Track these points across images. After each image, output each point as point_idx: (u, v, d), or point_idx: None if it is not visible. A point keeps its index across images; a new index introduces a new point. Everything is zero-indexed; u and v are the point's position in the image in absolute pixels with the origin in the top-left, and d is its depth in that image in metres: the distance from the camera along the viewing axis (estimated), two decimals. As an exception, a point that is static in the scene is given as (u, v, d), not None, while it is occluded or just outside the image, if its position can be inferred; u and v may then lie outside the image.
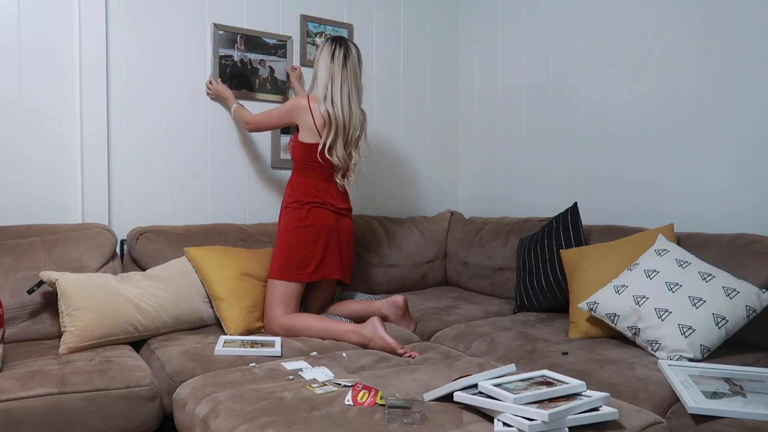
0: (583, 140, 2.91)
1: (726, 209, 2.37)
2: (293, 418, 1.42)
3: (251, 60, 2.90)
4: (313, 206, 2.36)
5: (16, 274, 2.14)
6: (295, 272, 2.32)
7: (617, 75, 2.75)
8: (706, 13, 2.41)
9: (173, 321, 2.20)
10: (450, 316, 2.54)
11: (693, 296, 1.91)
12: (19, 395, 1.61)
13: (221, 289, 2.27)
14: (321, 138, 2.35)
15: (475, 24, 3.50)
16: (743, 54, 2.31)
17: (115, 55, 2.59)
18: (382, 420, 1.42)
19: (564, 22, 2.99)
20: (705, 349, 1.84)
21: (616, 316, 2.01)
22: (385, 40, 3.33)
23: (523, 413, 1.33)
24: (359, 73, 2.42)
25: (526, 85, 3.20)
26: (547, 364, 1.89)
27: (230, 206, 2.89)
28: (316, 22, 3.07)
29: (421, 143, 3.50)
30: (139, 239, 2.47)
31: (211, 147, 2.83)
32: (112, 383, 1.73)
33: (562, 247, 2.50)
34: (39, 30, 2.44)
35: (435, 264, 3.22)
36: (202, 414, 1.54)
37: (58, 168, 2.51)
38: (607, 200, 2.80)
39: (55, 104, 2.49)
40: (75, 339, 1.97)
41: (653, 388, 1.67)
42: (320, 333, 2.22)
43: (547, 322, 2.38)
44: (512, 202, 3.30)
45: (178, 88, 2.74)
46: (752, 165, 2.30)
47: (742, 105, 2.32)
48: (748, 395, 1.56)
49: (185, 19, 2.74)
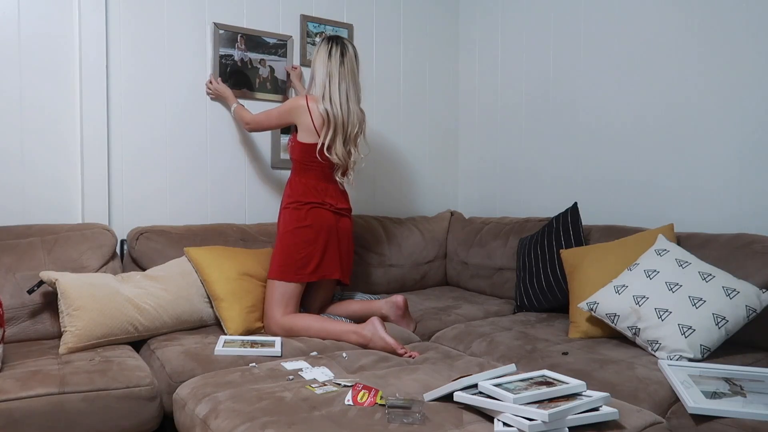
0: (584, 140, 2.91)
1: (726, 209, 2.37)
2: (293, 418, 1.42)
3: (251, 59, 2.90)
4: (313, 206, 2.36)
5: (16, 274, 2.14)
6: (294, 272, 2.32)
7: (617, 75, 2.75)
8: (706, 14, 2.41)
9: (173, 321, 2.20)
10: (450, 316, 2.54)
11: (693, 296, 1.91)
12: (19, 395, 1.61)
13: (221, 289, 2.27)
14: (320, 137, 2.35)
15: (475, 24, 3.50)
16: (743, 55, 2.31)
17: (115, 55, 2.59)
18: (382, 420, 1.42)
19: (564, 22, 2.99)
20: (705, 349, 1.84)
21: (616, 316, 2.01)
22: (385, 40, 3.33)
23: (523, 413, 1.33)
24: (357, 71, 2.42)
25: (527, 85, 3.20)
26: (547, 364, 1.88)
27: (230, 206, 2.89)
28: (316, 22, 3.07)
29: (421, 143, 3.50)
30: (139, 239, 2.47)
31: (211, 147, 2.83)
32: (112, 383, 1.73)
33: (562, 247, 2.50)
34: (39, 30, 2.44)
35: (435, 264, 3.22)
36: (202, 414, 1.54)
37: (58, 168, 2.51)
38: (607, 200, 2.80)
39: (55, 104, 2.49)
40: (75, 339, 1.97)
41: (653, 388, 1.67)
42: (320, 333, 2.22)
43: (547, 322, 2.38)
44: (512, 202, 3.30)
45: (178, 88, 2.74)
46: (752, 165, 2.30)
47: (742, 105, 2.32)
48: (748, 395, 1.56)
49: (185, 19, 2.74)
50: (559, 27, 3.02)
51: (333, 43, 2.38)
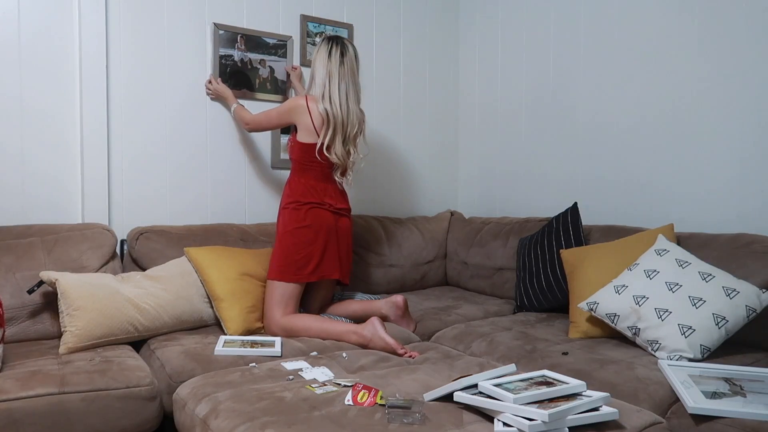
0: (584, 140, 2.91)
1: (726, 209, 2.37)
2: (293, 418, 1.42)
3: (251, 60, 2.90)
4: (312, 206, 2.36)
5: (16, 274, 2.14)
6: (294, 273, 2.31)
7: (617, 75, 2.75)
8: (706, 14, 2.41)
9: (173, 321, 2.20)
10: (450, 316, 2.54)
11: (693, 296, 1.91)
12: (19, 395, 1.61)
13: (221, 289, 2.27)
14: (319, 137, 2.36)
15: (475, 25, 3.50)
16: (743, 55, 2.31)
17: (115, 54, 2.59)
18: (382, 420, 1.42)
19: (564, 22, 2.99)
20: (705, 349, 1.84)
21: (616, 316, 2.01)
22: (385, 40, 3.33)
23: (523, 413, 1.33)
24: (357, 71, 2.42)
25: (527, 85, 3.20)
26: (547, 364, 1.89)
27: (230, 206, 2.89)
28: (316, 22, 3.07)
29: (421, 143, 3.50)
30: (139, 239, 2.47)
31: (211, 147, 2.83)
32: (112, 383, 1.73)
33: (562, 247, 2.50)
34: (39, 30, 2.44)
35: (435, 264, 3.22)
36: (202, 414, 1.54)
37: (58, 168, 2.51)
38: (607, 200, 2.80)
39: (55, 104, 2.49)
40: (75, 339, 1.97)
41: (653, 388, 1.67)
42: (320, 333, 2.22)
43: (547, 322, 2.38)
44: (512, 202, 3.30)
45: (178, 88, 2.74)
46: (752, 165, 2.30)
47: (741, 105, 2.32)
48: (748, 395, 1.56)
49: (185, 19, 2.74)
50: (559, 27, 3.02)
51: (333, 43, 2.38)
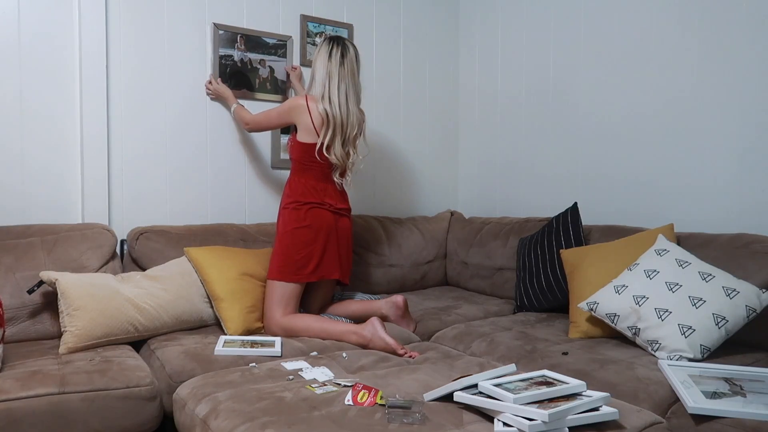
0: (584, 140, 2.91)
1: (726, 209, 2.37)
2: (293, 418, 1.42)
3: (251, 60, 2.90)
4: (312, 206, 2.36)
5: (16, 274, 2.14)
6: (294, 273, 2.31)
7: (617, 75, 2.75)
8: (705, 12, 2.41)
9: (173, 321, 2.20)
10: (450, 316, 2.54)
11: (693, 296, 1.91)
12: (19, 395, 1.61)
13: (221, 289, 2.27)
14: (319, 137, 2.36)
15: (475, 24, 3.50)
16: (743, 55, 2.31)
17: (115, 55, 2.59)
18: (382, 420, 1.42)
19: (564, 22, 2.99)
20: (705, 349, 1.84)
21: (616, 316, 2.01)
22: (385, 40, 3.33)
23: (523, 413, 1.33)
24: (357, 72, 2.42)
25: (526, 85, 3.20)
26: (547, 364, 1.88)
27: (230, 206, 2.89)
28: (316, 22, 3.07)
29: (421, 143, 3.50)
30: (139, 239, 2.47)
31: (211, 147, 2.83)
32: (112, 383, 1.73)
33: (562, 247, 2.50)
34: (39, 30, 2.44)
35: (435, 264, 3.22)
36: (202, 414, 1.54)
37: (58, 168, 2.51)
38: (607, 200, 2.80)
39: (55, 104, 2.49)
40: (75, 339, 1.97)
41: (653, 388, 1.67)
42: (320, 334, 2.22)
43: (547, 322, 2.38)
44: (512, 202, 3.30)
45: (178, 88, 2.74)
46: (752, 165, 2.30)
47: (741, 105, 2.32)
48: (748, 395, 1.56)
49: (185, 19, 2.74)
50: (559, 26, 3.02)
51: (334, 44, 2.38)
